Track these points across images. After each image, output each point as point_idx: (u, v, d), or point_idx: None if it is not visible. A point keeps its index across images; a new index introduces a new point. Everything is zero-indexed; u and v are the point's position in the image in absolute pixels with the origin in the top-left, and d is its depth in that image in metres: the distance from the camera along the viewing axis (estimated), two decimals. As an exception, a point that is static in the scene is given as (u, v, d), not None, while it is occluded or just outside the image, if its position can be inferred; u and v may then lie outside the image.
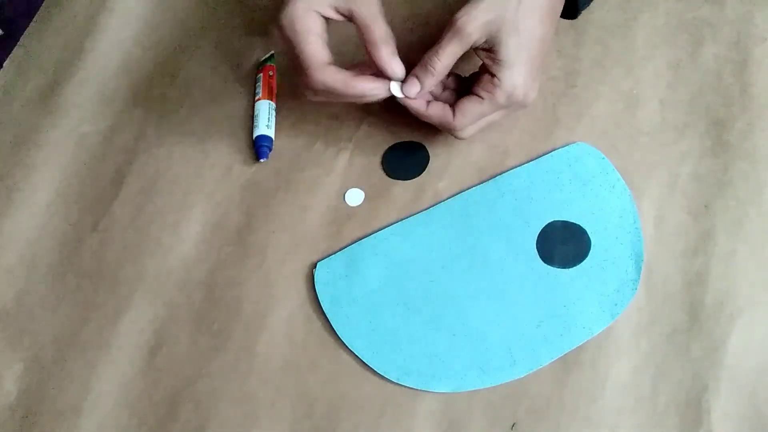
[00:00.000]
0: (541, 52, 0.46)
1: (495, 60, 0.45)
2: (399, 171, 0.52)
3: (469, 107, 0.46)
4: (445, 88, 0.50)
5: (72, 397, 0.47)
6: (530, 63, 0.45)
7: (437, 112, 0.47)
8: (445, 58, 0.45)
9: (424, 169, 0.52)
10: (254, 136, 0.54)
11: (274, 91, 0.56)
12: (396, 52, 0.46)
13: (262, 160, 0.53)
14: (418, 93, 0.47)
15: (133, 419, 0.47)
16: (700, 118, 0.51)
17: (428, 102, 0.48)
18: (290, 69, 0.48)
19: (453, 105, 0.47)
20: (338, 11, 0.45)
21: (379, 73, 0.46)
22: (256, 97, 0.55)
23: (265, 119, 0.54)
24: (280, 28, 0.45)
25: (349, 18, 0.45)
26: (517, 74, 0.45)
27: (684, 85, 0.53)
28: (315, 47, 0.45)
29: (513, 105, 0.46)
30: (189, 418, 0.46)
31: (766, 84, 0.52)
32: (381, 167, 0.52)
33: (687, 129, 0.51)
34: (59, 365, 0.48)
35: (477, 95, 0.46)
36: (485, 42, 0.45)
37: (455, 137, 0.49)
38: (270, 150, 0.53)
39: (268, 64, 0.57)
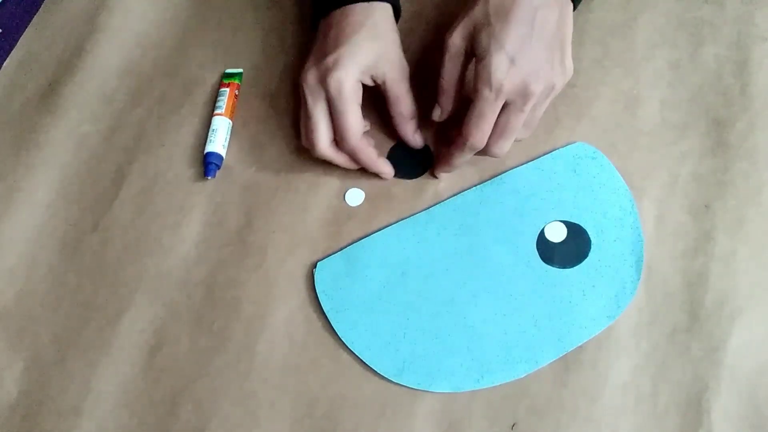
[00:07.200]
0: (533, 37, 0.44)
1: (477, 59, 0.45)
2: (402, 170, 0.52)
3: (470, 113, 0.45)
4: None
5: (72, 397, 0.47)
6: (513, 48, 0.43)
7: (456, 151, 0.48)
8: (446, 73, 0.48)
9: (426, 169, 0.52)
10: (206, 151, 0.53)
11: (234, 110, 0.56)
12: (417, 125, 0.51)
13: (209, 178, 0.53)
14: (440, 116, 0.50)
15: (133, 419, 0.47)
16: (700, 118, 0.51)
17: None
18: (304, 121, 0.49)
19: None
20: (374, 79, 0.48)
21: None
22: (216, 111, 0.55)
23: (223, 137, 0.54)
24: (326, 88, 0.47)
25: (381, 87, 0.49)
26: (493, 61, 0.43)
27: (684, 85, 0.53)
28: (357, 117, 0.48)
29: (512, 96, 0.44)
30: (189, 418, 0.46)
31: (766, 84, 0.52)
32: None
33: (687, 129, 0.51)
34: (59, 365, 0.48)
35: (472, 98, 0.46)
36: (472, 49, 0.46)
37: (490, 156, 0.47)
38: (218, 168, 0.53)
39: (235, 81, 0.56)
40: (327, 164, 0.53)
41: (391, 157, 0.52)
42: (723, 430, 0.42)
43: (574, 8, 0.48)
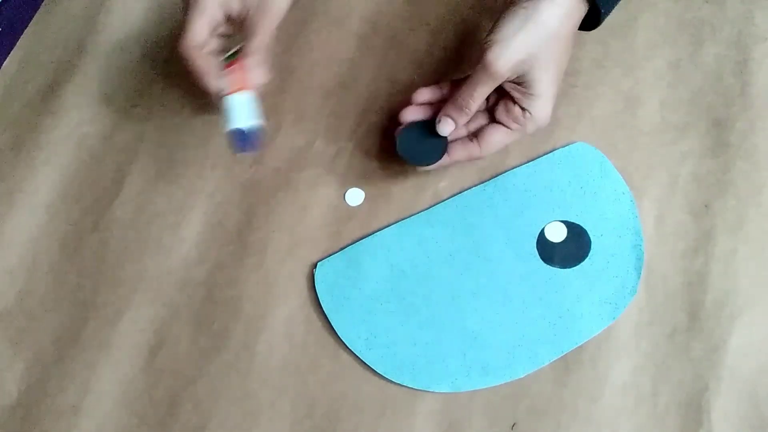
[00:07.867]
0: (560, 78, 0.46)
1: (526, 94, 0.45)
2: (416, 154, 0.48)
3: (497, 137, 0.47)
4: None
5: (72, 397, 0.47)
6: (557, 92, 0.46)
7: (462, 154, 0.48)
8: (479, 98, 0.45)
9: (442, 155, 0.47)
10: (230, 128, 0.46)
11: (247, 82, 0.48)
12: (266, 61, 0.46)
13: (246, 153, 0.49)
14: (452, 132, 0.47)
15: (133, 419, 0.47)
16: (700, 118, 0.51)
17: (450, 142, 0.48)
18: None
19: (475, 134, 0.48)
20: (238, 11, 0.46)
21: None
22: (223, 92, 0.48)
23: (246, 110, 0.47)
24: None
25: (241, 18, 0.46)
26: (546, 105, 0.46)
27: (684, 85, 0.53)
28: (193, 22, 0.45)
29: (537, 130, 0.47)
30: (189, 418, 0.46)
31: (766, 84, 0.52)
32: (396, 150, 0.48)
33: (687, 129, 0.51)
34: (59, 365, 0.48)
35: (505, 126, 0.47)
36: (516, 77, 0.45)
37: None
38: (256, 141, 0.47)
39: (234, 59, 0.50)
40: (327, 164, 0.53)
41: (403, 140, 0.48)
42: (723, 430, 0.42)
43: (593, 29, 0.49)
